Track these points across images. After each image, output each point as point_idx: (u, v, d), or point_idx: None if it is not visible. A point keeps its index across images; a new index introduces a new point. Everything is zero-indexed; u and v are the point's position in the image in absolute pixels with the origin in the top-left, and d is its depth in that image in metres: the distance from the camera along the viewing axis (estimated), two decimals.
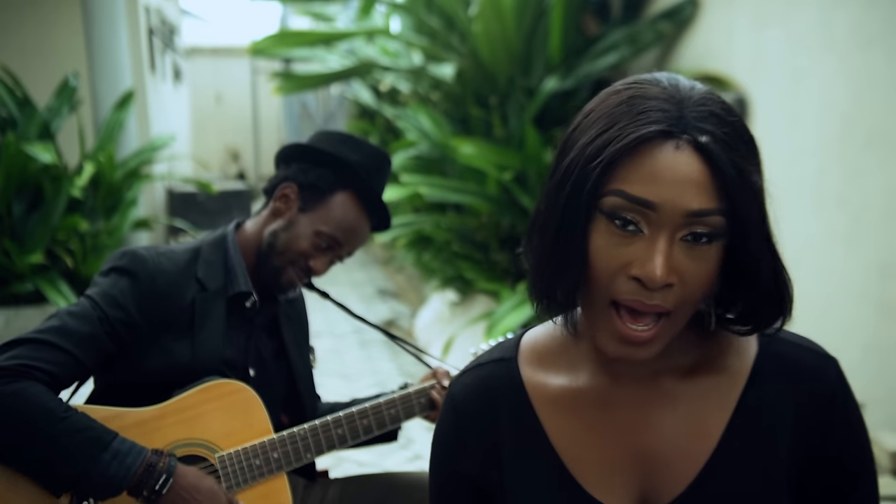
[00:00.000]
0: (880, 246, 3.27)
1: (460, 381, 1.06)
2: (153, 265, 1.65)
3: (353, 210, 1.76)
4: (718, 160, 0.84)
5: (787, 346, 0.98)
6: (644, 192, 0.84)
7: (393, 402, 1.80)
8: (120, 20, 5.71)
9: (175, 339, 1.65)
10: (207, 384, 1.63)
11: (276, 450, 1.67)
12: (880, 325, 3.26)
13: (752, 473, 0.94)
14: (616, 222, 0.86)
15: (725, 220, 0.85)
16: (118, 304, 1.60)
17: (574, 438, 0.98)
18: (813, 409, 0.94)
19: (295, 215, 1.76)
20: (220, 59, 15.84)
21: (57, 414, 1.46)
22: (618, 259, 0.86)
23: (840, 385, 0.96)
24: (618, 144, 0.85)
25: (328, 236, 1.75)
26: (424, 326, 5.70)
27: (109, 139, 5.55)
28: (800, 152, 3.70)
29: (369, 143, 1.85)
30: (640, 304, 0.86)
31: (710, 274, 0.87)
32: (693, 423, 0.95)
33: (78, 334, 1.55)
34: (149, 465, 1.49)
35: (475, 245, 5.25)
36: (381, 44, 6.25)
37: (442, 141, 5.13)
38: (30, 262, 4.78)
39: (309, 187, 1.76)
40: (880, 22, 3.24)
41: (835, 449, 0.95)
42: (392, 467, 3.50)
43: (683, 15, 4.60)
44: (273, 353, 1.83)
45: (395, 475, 1.88)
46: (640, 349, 0.88)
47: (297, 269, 1.75)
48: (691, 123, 0.85)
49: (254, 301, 1.76)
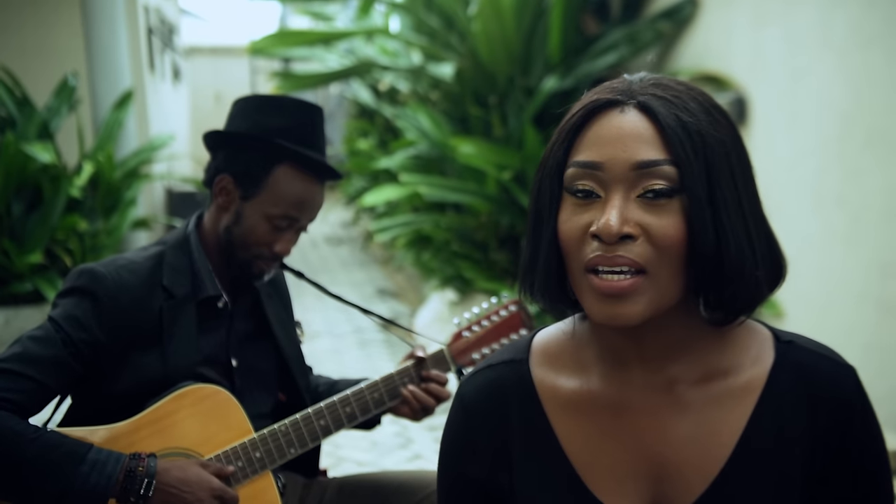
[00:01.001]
0: (880, 245, 3.27)
1: (471, 382, 1.04)
2: (113, 282, 1.59)
3: (296, 180, 1.68)
4: (659, 114, 0.88)
5: (805, 354, 0.96)
6: (590, 155, 0.89)
7: (375, 385, 1.74)
8: (119, 20, 5.71)
9: (144, 352, 1.60)
10: (180, 391, 1.59)
11: (257, 449, 1.63)
12: (880, 325, 3.26)
13: (765, 483, 0.92)
14: (577, 195, 0.90)
15: (679, 172, 0.86)
16: (81, 326, 1.55)
17: (585, 443, 0.97)
18: (829, 418, 0.93)
19: (240, 205, 1.69)
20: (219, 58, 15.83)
21: (26, 436, 1.43)
22: (579, 225, 0.89)
23: (858, 394, 0.94)
24: (571, 120, 0.92)
25: (281, 216, 1.68)
26: (424, 326, 5.69)
27: (108, 139, 5.54)
28: (799, 152, 3.70)
29: (290, 100, 1.74)
30: (602, 259, 0.87)
31: (677, 229, 0.86)
32: (707, 431, 0.94)
33: (41, 359, 1.51)
34: (129, 471, 1.46)
35: (474, 244, 5.25)
36: (381, 43, 6.25)
37: (441, 140, 5.13)
38: (29, 261, 4.78)
39: (242, 174, 1.67)
40: (880, 22, 3.24)
41: (851, 459, 0.93)
42: (391, 467, 3.50)
43: (683, 14, 4.60)
44: (257, 335, 1.79)
45: (395, 475, 1.88)
46: (622, 305, 0.87)
47: (265, 260, 1.70)
48: (637, 91, 0.91)
49: (225, 301, 1.72)
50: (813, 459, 0.93)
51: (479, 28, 4.95)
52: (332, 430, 1.71)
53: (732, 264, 0.88)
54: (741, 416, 0.94)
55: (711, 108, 0.91)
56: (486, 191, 4.95)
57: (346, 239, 10.12)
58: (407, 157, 5.50)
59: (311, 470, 1.86)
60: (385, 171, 6.41)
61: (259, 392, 1.76)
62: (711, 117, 0.90)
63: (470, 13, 5.24)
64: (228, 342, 1.73)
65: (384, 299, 6.94)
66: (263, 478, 1.64)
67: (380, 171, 6.66)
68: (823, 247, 3.57)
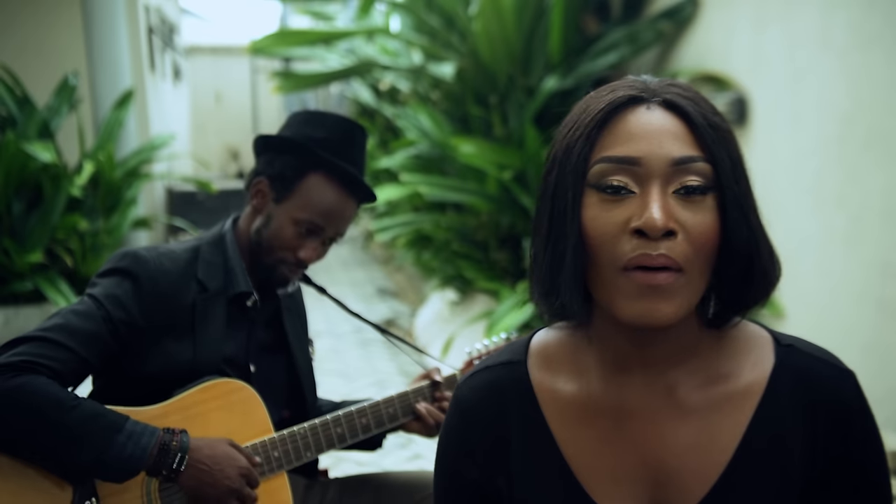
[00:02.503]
0: (880, 246, 3.27)
1: (468, 384, 1.03)
2: (155, 267, 1.64)
3: (328, 189, 1.72)
4: (689, 112, 0.88)
5: (805, 359, 0.95)
6: (625, 150, 0.87)
7: (391, 400, 1.79)
8: (119, 19, 5.71)
9: (176, 341, 1.64)
10: (207, 383, 1.63)
11: (276, 448, 1.66)
12: (880, 325, 3.26)
13: (765, 489, 0.92)
14: (607, 191, 0.87)
15: (713, 169, 0.87)
16: (121, 305, 1.59)
17: (584, 447, 0.96)
18: (828, 423, 0.93)
19: (272, 208, 1.73)
20: (219, 58, 15.82)
21: (67, 403, 1.46)
22: (614, 221, 0.87)
23: (857, 400, 0.94)
24: (594, 114, 0.90)
25: (307, 222, 1.71)
26: (424, 326, 5.70)
27: (109, 138, 5.55)
28: (800, 152, 3.70)
29: (336, 116, 1.79)
30: (647, 258, 0.84)
31: (712, 226, 0.86)
32: (706, 436, 0.93)
33: (82, 332, 1.54)
34: (163, 445, 1.49)
35: (475, 244, 5.25)
36: (381, 43, 6.25)
37: (442, 140, 5.13)
38: (29, 261, 4.78)
39: (277, 177, 1.72)
40: (880, 22, 3.24)
41: (850, 464, 0.93)
42: (391, 466, 3.51)
43: (683, 14, 4.61)
44: (274, 347, 1.82)
45: (395, 475, 1.88)
46: (661, 301, 0.85)
47: (289, 266, 1.73)
48: (658, 90, 0.91)
49: (255, 300, 1.75)
50: (812, 464, 0.93)
51: (479, 28, 4.95)
52: (346, 439, 1.74)
53: (761, 261, 0.89)
54: (741, 421, 0.93)
55: (719, 111, 0.92)
56: (487, 190, 4.95)
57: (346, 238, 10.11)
58: (407, 157, 5.50)
59: (313, 471, 1.86)
60: (386, 171, 6.42)
61: (269, 403, 1.76)
62: (722, 118, 0.91)
63: (470, 13, 5.24)
64: (248, 347, 1.76)
65: (384, 299, 6.94)
66: (278, 478, 1.67)
67: (380, 171, 6.66)
68: (823, 247, 3.57)
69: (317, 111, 1.80)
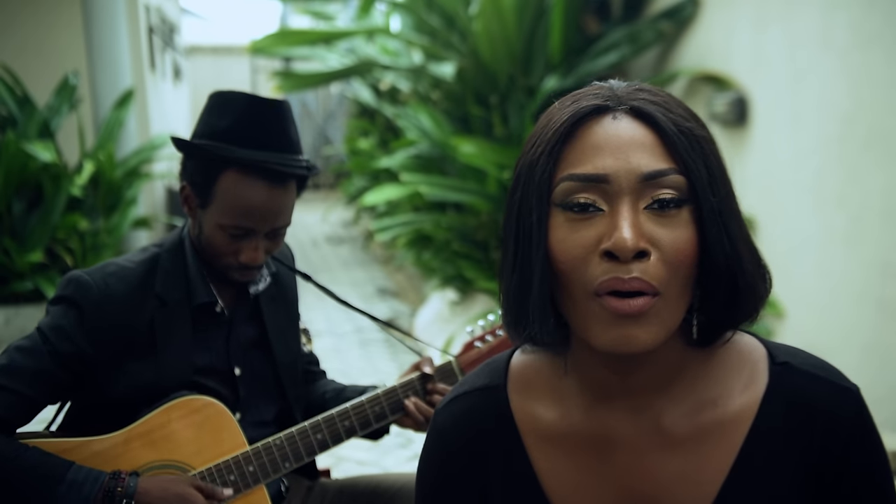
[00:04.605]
0: (880, 246, 3.27)
1: (447, 411, 0.98)
2: (98, 293, 1.54)
3: (245, 187, 1.54)
4: (658, 119, 0.82)
5: (801, 378, 0.88)
6: (591, 167, 0.81)
7: (377, 399, 1.68)
8: (120, 19, 5.71)
9: (137, 361, 1.56)
10: (172, 402, 1.56)
11: (251, 463, 1.59)
12: (880, 325, 3.26)
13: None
14: (574, 209, 0.81)
15: (687, 181, 0.81)
16: (67, 337, 1.52)
17: (565, 479, 0.91)
18: (827, 450, 0.86)
19: (200, 215, 1.60)
20: (220, 57, 15.82)
21: (6, 455, 1.43)
22: (583, 243, 0.81)
23: (858, 420, 0.87)
24: (556, 128, 0.84)
25: (231, 227, 1.56)
26: (424, 325, 5.69)
27: (109, 138, 5.55)
28: (800, 152, 3.70)
29: (237, 96, 1.58)
30: (618, 282, 0.78)
31: (689, 242, 0.80)
32: (694, 468, 0.87)
33: (26, 371, 1.49)
34: (107, 491, 1.45)
35: (475, 244, 5.25)
36: (382, 43, 6.25)
37: (442, 140, 5.13)
38: (30, 260, 4.79)
39: (194, 183, 1.58)
40: (880, 22, 3.24)
41: (851, 491, 0.87)
42: (392, 466, 3.50)
43: (684, 14, 4.61)
44: (258, 342, 1.73)
45: (395, 477, 1.87)
46: (637, 328, 0.79)
47: (237, 270, 1.61)
48: (624, 97, 0.84)
49: (221, 307, 1.66)
50: (808, 490, 0.87)
51: (480, 27, 4.95)
52: (329, 445, 1.66)
53: (745, 276, 0.82)
54: (730, 451, 0.87)
55: (693, 114, 0.86)
56: (487, 190, 4.95)
57: (346, 238, 10.12)
58: (408, 157, 5.50)
59: (314, 472, 1.84)
60: (386, 171, 6.42)
61: (263, 400, 1.73)
62: (698, 123, 0.85)
63: (471, 13, 5.24)
64: (228, 350, 1.68)
65: (384, 299, 6.94)
66: (257, 492, 1.61)
67: (380, 171, 6.67)
68: (823, 247, 3.57)
69: (224, 93, 1.60)
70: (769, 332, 3.77)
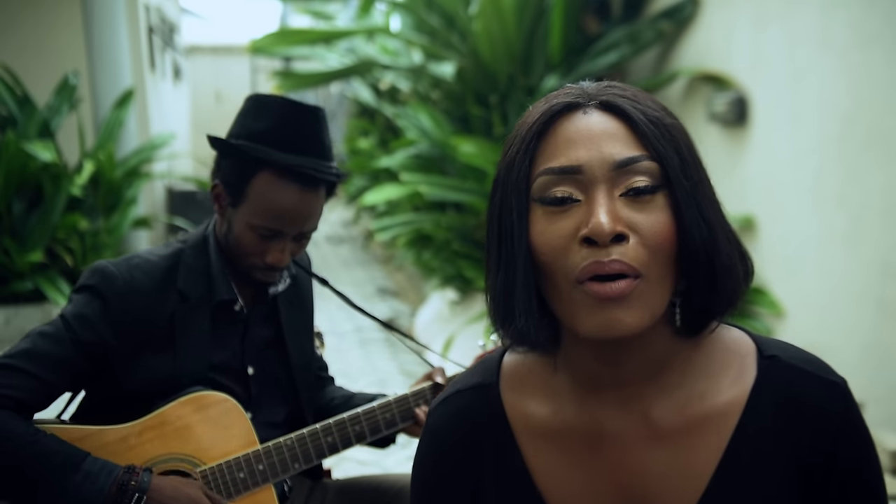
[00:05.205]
0: (880, 245, 3.27)
1: (440, 411, 0.99)
2: (124, 284, 1.56)
3: (279, 189, 1.58)
4: (628, 111, 0.85)
5: (789, 372, 0.89)
6: (565, 159, 0.84)
7: (388, 405, 1.69)
8: (120, 19, 5.71)
9: (156, 354, 1.58)
10: (188, 397, 1.57)
11: (260, 462, 1.60)
12: (880, 325, 3.26)
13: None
14: (552, 203, 0.84)
15: (660, 167, 0.83)
16: (90, 326, 1.53)
17: (557, 474, 0.92)
18: (815, 443, 0.87)
19: (230, 214, 1.63)
20: (219, 57, 15.82)
21: (24, 439, 1.43)
22: (561, 233, 0.83)
23: (845, 414, 0.88)
24: (530, 126, 0.87)
25: (262, 228, 1.59)
26: (424, 325, 5.70)
27: (109, 137, 5.55)
28: (800, 152, 3.70)
29: (277, 100, 1.63)
30: (599, 266, 0.80)
31: (667, 225, 0.82)
32: (682, 461, 0.89)
33: (48, 357, 1.50)
34: (121, 484, 1.45)
35: (475, 244, 5.25)
36: (381, 42, 6.25)
37: (442, 140, 5.13)
38: (30, 260, 4.79)
39: (227, 182, 1.62)
40: (880, 22, 3.24)
41: (839, 485, 0.88)
42: (392, 466, 3.50)
43: (684, 14, 4.61)
44: (273, 343, 1.75)
45: (395, 477, 1.86)
46: (621, 311, 0.81)
47: (261, 270, 1.64)
48: (594, 94, 0.88)
49: (241, 305, 1.68)
50: (797, 488, 0.88)
51: (480, 27, 4.95)
52: (339, 448, 1.67)
53: (721, 258, 0.84)
54: (718, 444, 0.88)
55: (662, 106, 0.89)
56: (487, 190, 4.93)
57: (346, 238, 10.13)
58: (407, 157, 5.50)
59: (316, 472, 1.85)
60: (386, 171, 6.42)
61: (275, 401, 1.73)
62: (667, 113, 0.88)
63: (471, 12, 5.24)
64: (243, 349, 1.70)
65: (384, 298, 6.94)
66: (265, 491, 1.62)
67: (380, 171, 6.67)
68: (823, 247, 3.57)
69: (262, 97, 1.65)
70: (769, 331, 3.77)
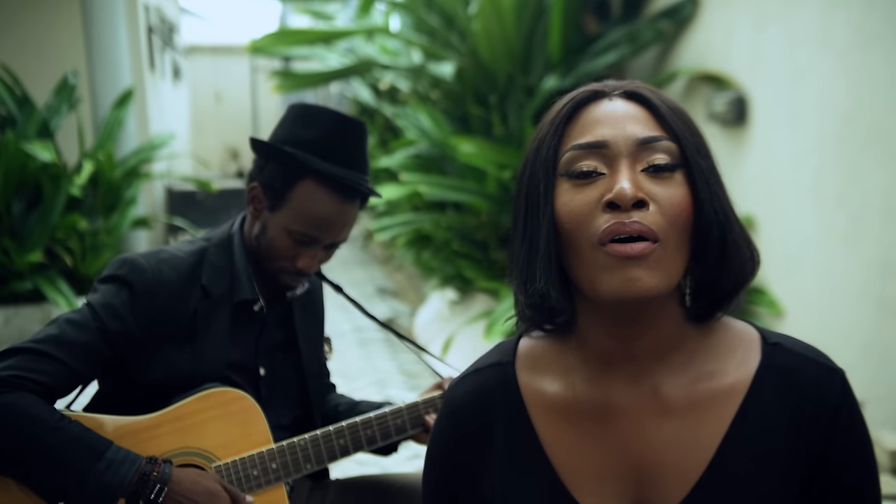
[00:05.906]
0: (880, 245, 3.27)
1: (459, 386, 1.04)
2: (152, 276, 1.60)
3: (320, 198, 1.63)
4: (649, 98, 0.94)
5: (791, 357, 0.95)
6: (592, 136, 0.92)
7: (399, 411, 1.73)
8: (119, 18, 5.71)
9: (177, 348, 1.61)
10: (206, 392, 1.59)
11: (274, 460, 1.62)
12: (880, 325, 3.26)
13: (747, 489, 0.92)
14: (578, 176, 0.91)
15: (679, 147, 0.91)
16: (117, 316, 1.56)
17: (568, 447, 0.97)
18: (814, 423, 0.92)
19: (267, 216, 1.67)
20: (219, 57, 15.82)
21: (49, 424, 1.44)
22: (586, 201, 0.90)
23: (844, 399, 0.94)
24: (559, 111, 0.96)
25: (300, 233, 1.64)
26: (424, 325, 5.70)
27: (109, 138, 5.55)
28: (800, 152, 3.70)
29: (330, 112, 1.68)
30: (620, 227, 0.87)
31: (685, 198, 0.89)
32: (689, 434, 0.94)
33: (75, 344, 1.52)
34: (143, 475, 1.46)
35: (475, 244, 5.25)
36: (381, 42, 6.25)
37: (441, 139, 5.13)
38: (29, 260, 4.78)
39: (268, 186, 1.65)
40: (880, 22, 3.24)
41: (835, 466, 0.93)
42: (391, 466, 3.50)
43: (683, 14, 4.60)
44: (288, 347, 1.78)
45: (396, 476, 1.87)
46: (640, 270, 0.86)
47: (289, 274, 1.68)
48: (618, 86, 0.97)
49: (261, 305, 1.71)
50: (797, 463, 0.93)
51: (479, 27, 4.95)
52: (350, 451, 1.69)
53: (734, 235, 0.91)
54: (724, 420, 0.94)
55: (676, 102, 0.97)
56: (487, 190, 4.95)
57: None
58: (407, 156, 5.50)
59: (318, 472, 1.85)
60: (385, 170, 6.41)
61: (283, 403, 1.75)
62: (681, 107, 0.96)
63: (470, 12, 5.24)
64: (257, 349, 1.72)
65: (384, 298, 6.94)
66: (277, 490, 1.63)
67: (380, 170, 6.66)
68: (823, 247, 3.57)
69: (310, 106, 1.70)
70: None
